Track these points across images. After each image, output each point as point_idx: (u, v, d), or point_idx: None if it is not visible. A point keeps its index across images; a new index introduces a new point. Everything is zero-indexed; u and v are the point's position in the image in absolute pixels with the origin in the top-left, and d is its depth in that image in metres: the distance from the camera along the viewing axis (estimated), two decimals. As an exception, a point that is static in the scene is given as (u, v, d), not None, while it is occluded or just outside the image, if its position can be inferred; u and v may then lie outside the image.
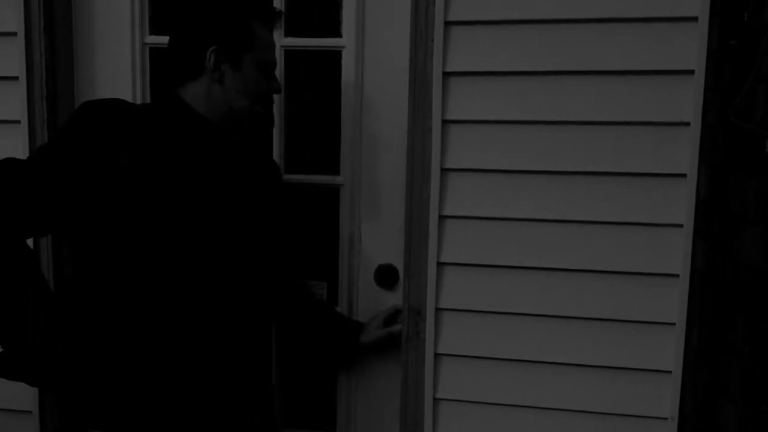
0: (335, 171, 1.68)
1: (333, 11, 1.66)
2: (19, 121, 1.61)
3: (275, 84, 1.39)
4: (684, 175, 1.35)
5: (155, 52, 1.71)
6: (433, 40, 1.41)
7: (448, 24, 1.41)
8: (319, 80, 1.72)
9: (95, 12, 1.69)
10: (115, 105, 1.26)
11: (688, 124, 1.34)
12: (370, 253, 1.67)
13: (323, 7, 1.69)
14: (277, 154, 1.69)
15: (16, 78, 1.60)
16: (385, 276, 1.64)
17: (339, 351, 1.65)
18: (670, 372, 1.39)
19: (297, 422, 1.80)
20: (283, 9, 1.63)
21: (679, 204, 1.36)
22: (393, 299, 1.64)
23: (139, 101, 1.70)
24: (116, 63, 1.70)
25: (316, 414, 1.79)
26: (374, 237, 1.65)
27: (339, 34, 1.65)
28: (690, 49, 1.32)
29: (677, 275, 1.37)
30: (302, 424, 1.79)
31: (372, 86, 1.63)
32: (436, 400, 1.50)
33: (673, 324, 1.38)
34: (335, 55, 1.66)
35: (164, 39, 1.62)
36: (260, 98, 1.36)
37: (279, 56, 1.64)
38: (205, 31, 1.30)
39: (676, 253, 1.37)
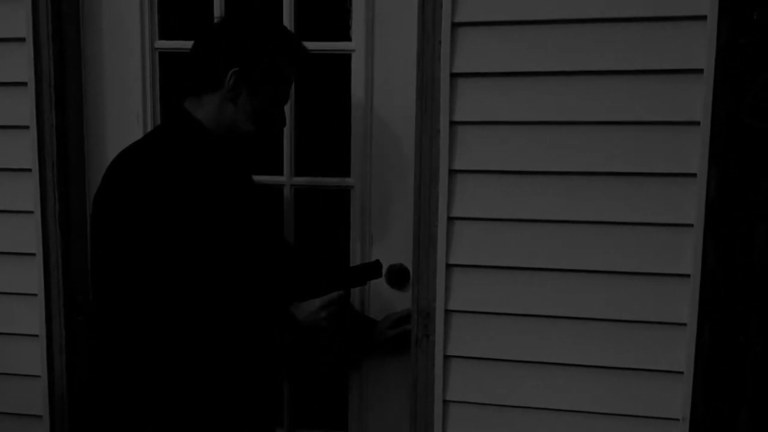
0: (346, 173, 1.69)
1: (343, 16, 1.68)
2: (27, 127, 1.62)
3: (282, 116, 1.42)
4: (694, 175, 1.34)
5: (164, 56, 1.72)
6: (440, 42, 1.41)
7: (455, 25, 1.40)
8: (328, 83, 1.73)
9: (103, 17, 1.70)
10: (148, 163, 1.26)
11: (698, 123, 1.33)
12: (381, 253, 1.67)
13: (333, 12, 1.71)
14: (287, 156, 1.70)
15: (24, 83, 1.61)
16: (397, 276, 1.65)
17: (352, 346, 1.66)
18: (682, 373, 1.38)
19: (309, 422, 1.80)
20: (293, 12, 1.65)
21: (690, 204, 1.35)
22: (404, 299, 1.65)
23: (149, 106, 1.71)
24: (126, 68, 1.71)
25: (328, 413, 1.80)
26: (385, 238, 1.66)
27: (348, 38, 1.66)
28: (699, 48, 1.31)
29: (688, 275, 1.36)
30: (314, 424, 1.80)
31: (381, 88, 1.65)
32: (445, 402, 1.49)
33: (685, 324, 1.37)
34: (345, 59, 1.67)
35: (175, 44, 1.67)
36: (266, 126, 1.39)
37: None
38: (234, 53, 1.32)
39: (686, 253, 1.36)
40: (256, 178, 1.60)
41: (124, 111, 1.72)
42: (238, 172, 1.44)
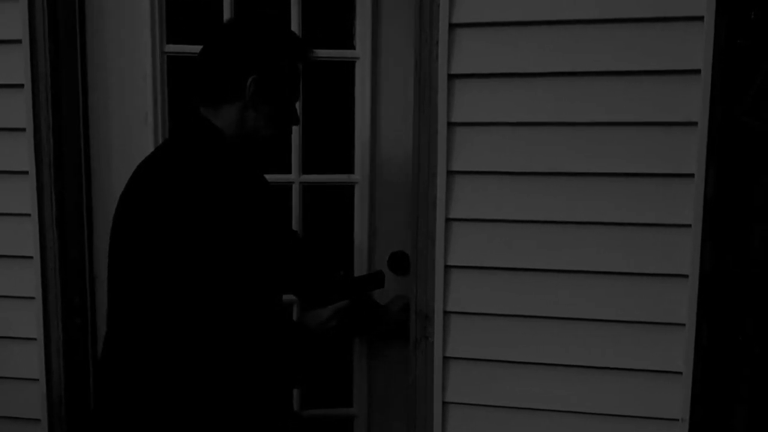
0: (350, 170, 1.80)
1: (347, 25, 1.76)
2: (24, 129, 1.61)
3: (297, 116, 1.44)
4: (692, 175, 1.34)
5: (173, 60, 1.74)
6: (437, 43, 1.41)
7: (452, 26, 1.40)
8: (333, 88, 1.82)
9: (108, 20, 1.70)
10: (188, 174, 1.23)
11: (695, 123, 1.33)
12: (383, 242, 1.77)
13: (338, 21, 1.79)
14: (295, 155, 1.78)
15: (21, 85, 1.60)
16: (398, 262, 1.73)
17: (364, 332, 1.75)
18: (681, 373, 1.38)
19: (316, 400, 1.86)
20: (300, 22, 1.72)
21: (687, 204, 1.35)
22: (404, 283, 1.72)
23: (159, 109, 1.71)
24: (134, 72, 1.71)
25: (333, 391, 1.88)
26: (387, 229, 1.77)
27: (353, 46, 1.75)
28: (696, 48, 1.31)
29: (686, 276, 1.36)
30: (319, 402, 1.87)
31: (383, 92, 1.75)
32: (445, 404, 1.49)
33: (683, 325, 1.37)
34: (349, 65, 1.76)
35: (183, 48, 1.71)
36: (284, 128, 1.41)
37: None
38: (250, 61, 1.31)
39: (684, 254, 1.36)
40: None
41: (131, 114, 1.72)
42: (260, 178, 1.45)
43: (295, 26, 1.70)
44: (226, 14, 1.71)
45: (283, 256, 1.43)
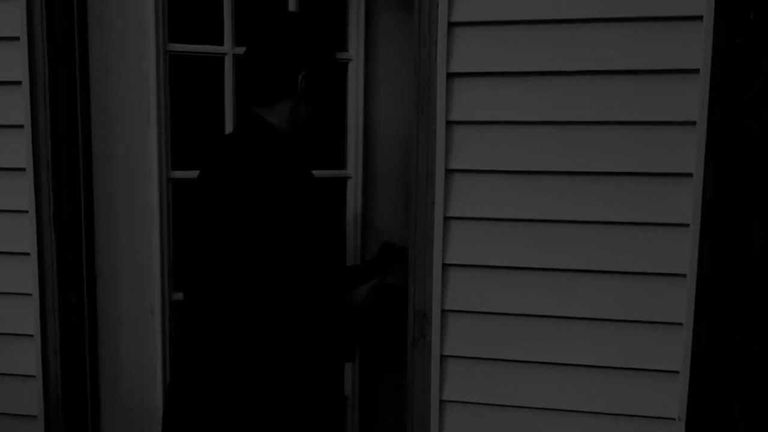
0: (343, 166, 1.90)
1: (341, 27, 1.83)
2: (22, 126, 1.61)
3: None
4: (690, 175, 1.34)
5: (175, 60, 1.75)
6: (436, 42, 1.41)
7: (451, 25, 1.40)
8: (328, 87, 1.82)
9: (111, 19, 1.70)
10: (269, 170, 1.31)
11: (694, 123, 1.33)
12: (374, 233, 1.87)
13: (332, 24, 1.85)
14: None
15: (19, 83, 1.60)
16: (388, 252, 1.80)
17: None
18: (678, 372, 1.38)
19: None
20: None
21: (686, 203, 1.35)
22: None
23: (162, 110, 1.71)
24: (137, 70, 1.71)
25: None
26: (379, 220, 1.87)
27: (345, 49, 1.83)
28: (695, 48, 1.31)
29: (684, 275, 1.36)
30: None
31: (374, 93, 1.81)
32: (442, 402, 1.49)
33: (681, 324, 1.37)
34: (342, 65, 1.82)
35: (185, 47, 1.74)
36: (321, 116, 1.46)
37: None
38: (301, 57, 1.38)
39: (682, 253, 1.36)
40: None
41: (134, 112, 1.72)
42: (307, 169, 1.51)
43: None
44: (227, 14, 1.71)
45: (329, 239, 1.50)
